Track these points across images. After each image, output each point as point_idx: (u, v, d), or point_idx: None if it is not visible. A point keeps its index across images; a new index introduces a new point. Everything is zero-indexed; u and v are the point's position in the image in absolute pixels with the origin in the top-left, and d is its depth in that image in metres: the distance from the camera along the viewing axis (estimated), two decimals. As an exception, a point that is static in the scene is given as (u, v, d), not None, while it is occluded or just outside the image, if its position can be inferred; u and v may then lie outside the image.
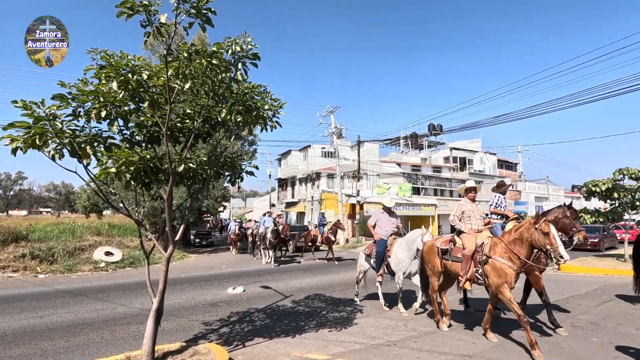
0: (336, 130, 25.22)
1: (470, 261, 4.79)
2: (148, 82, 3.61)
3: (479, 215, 5.24)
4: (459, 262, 4.95)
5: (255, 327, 5.69)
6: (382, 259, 6.59)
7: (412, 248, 6.16)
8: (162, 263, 4.13)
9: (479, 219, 5.21)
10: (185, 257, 17.00)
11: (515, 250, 4.42)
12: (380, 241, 6.66)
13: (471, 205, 5.28)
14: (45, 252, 13.13)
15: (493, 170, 37.61)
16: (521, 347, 4.42)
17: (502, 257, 4.48)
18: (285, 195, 36.46)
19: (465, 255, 4.84)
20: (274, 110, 4.29)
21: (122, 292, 8.66)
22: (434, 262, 5.43)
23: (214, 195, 20.27)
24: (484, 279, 4.66)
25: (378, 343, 4.77)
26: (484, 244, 4.75)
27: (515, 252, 4.41)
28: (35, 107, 3.14)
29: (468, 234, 4.99)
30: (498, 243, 4.63)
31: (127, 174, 3.70)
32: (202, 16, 3.18)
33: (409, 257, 6.19)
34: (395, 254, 6.37)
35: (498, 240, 4.67)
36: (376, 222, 6.96)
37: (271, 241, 13.30)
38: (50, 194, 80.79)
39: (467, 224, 5.15)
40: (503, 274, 4.43)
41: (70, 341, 5.17)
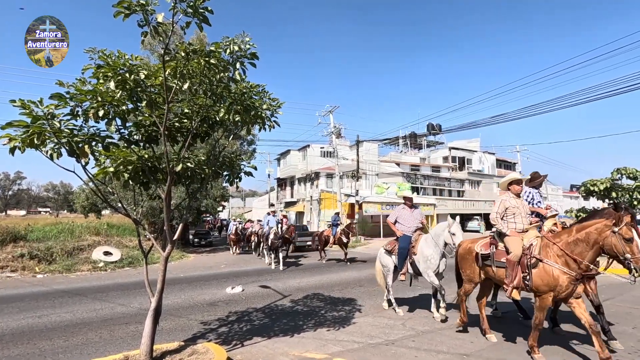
0: (335, 130, 25.23)
1: (516, 267, 4.13)
2: (146, 82, 3.61)
3: (524, 212, 4.52)
4: (505, 268, 4.29)
5: (253, 326, 5.70)
6: (405, 256, 6.04)
7: (439, 243, 5.62)
8: (161, 262, 4.13)
9: (525, 217, 4.49)
10: (184, 257, 16.98)
11: (575, 253, 3.80)
12: (403, 237, 6.15)
13: (516, 201, 4.52)
14: (43, 252, 13.10)
15: (492, 169, 37.68)
16: (519, 346, 4.44)
17: (555, 261, 3.89)
18: (284, 195, 36.47)
19: (510, 261, 4.17)
20: (272, 110, 4.29)
21: (121, 292, 8.66)
22: (472, 270, 4.83)
23: (212, 195, 20.26)
24: (531, 284, 4.04)
25: (376, 342, 4.78)
26: (533, 245, 4.15)
27: (574, 256, 3.79)
28: (34, 106, 3.14)
29: (512, 237, 4.30)
30: (550, 244, 4.03)
31: (125, 174, 3.70)
32: (199, 15, 3.18)
33: (438, 253, 5.66)
34: (422, 251, 5.83)
35: (550, 241, 4.06)
36: (396, 218, 6.39)
37: (274, 242, 12.58)
38: (49, 193, 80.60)
39: (511, 222, 4.46)
40: (553, 281, 3.85)
41: (69, 341, 5.17)
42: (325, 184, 28.62)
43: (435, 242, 5.71)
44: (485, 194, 34.65)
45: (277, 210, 20.25)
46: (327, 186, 28.23)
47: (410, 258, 6.01)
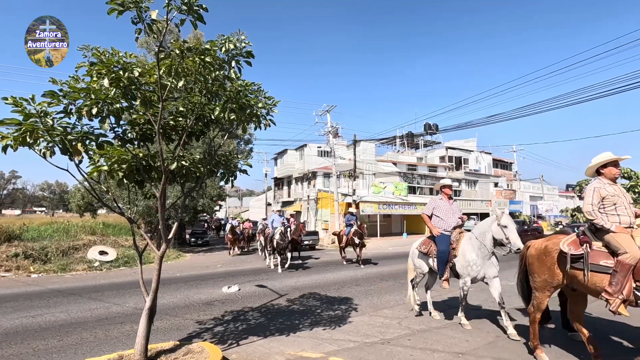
0: (332, 130, 25.22)
1: (629, 273, 3.27)
2: (140, 80, 3.59)
3: (627, 201, 3.61)
4: (604, 274, 3.42)
5: (249, 325, 5.69)
6: (446, 260, 5.14)
7: (486, 243, 4.84)
8: (155, 262, 4.11)
9: (629, 208, 3.59)
10: (180, 257, 16.93)
11: None
12: (441, 237, 5.24)
13: (613, 188, 3.63)
14: (38, 251, 13.02)
15: (488, 169, 37.80)
16: (514, 345, 4.45)
17: None
18: (281, 195, 36.42)
19: (623, 264, 3.27)
20: (268, 109, 4.27)
21: (116, 292, 8.61)
22: (552, 274, 3.91)
23: (209, 194, 20.19)
24: None
25: (372, 341, 4.78)
26: None
27: None
28: (26, 103, 3.11)
29: (620, 233, 3.41)
30: None
31: (119, 172, 3.68)
32: (193, 13, 3.16)
33: (482, 256, 4.88)
34: (464, 254, 5.02)
35: None
36: (432, 211, 5.47)
37: (279, 243, 11.73)
38: (44, 193, 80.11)
39: (613, 215, 3.54)
40: None
41: (63, 340, 5.13)
42: (322, 183, 28.60)
43: (480, 242, 4.89)
44: (482, 194, 34.78)
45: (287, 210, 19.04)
46: (324, 186, 28.22)
47: (451, 262, 5.15)
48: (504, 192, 37.23)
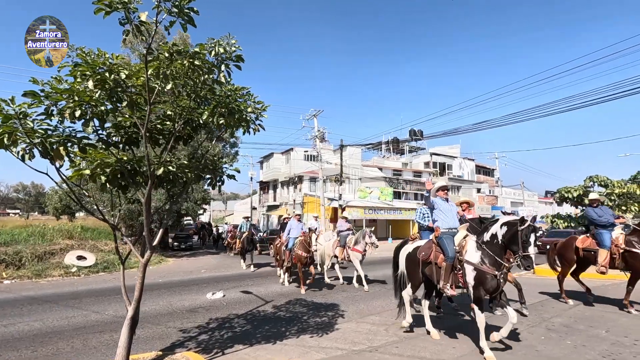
0: (319, 134, 25.26)
1: None
2: (127, 82, 3.49)
3: None
4: None
5: (235, 333, 5.57)
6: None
7: None
8: (139, 269, 3.98)
9: None
10: (163, 262, 16.52)
11: None
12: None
13: None
14: (11, 256, 12.44)
15: (471, 175, 38.59)
16: (498, 351, 4.50)
17: None
18: (267, 199, 36.19)
19: None
20: (257, 113, 4.22)
21: (95, 299, 8.31)
22: None
23: (194, 198, 19.86)
24: None
25: (360, 349, 4.75)
26: None
27: None
28: (4, 104, 2.98)
29: None
30: None
31: (102, 176, 3.55)
32: (184, 15, 3.10)
33: None
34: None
35: None
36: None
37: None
38: (19, 194, 77.06)
39: None
40: None
41: (38, 351, 4.89)
42: (308, 187, 28.57)
43: None
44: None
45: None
46: (310, 190, 28.19)
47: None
48: (486, 198, 38.03)
